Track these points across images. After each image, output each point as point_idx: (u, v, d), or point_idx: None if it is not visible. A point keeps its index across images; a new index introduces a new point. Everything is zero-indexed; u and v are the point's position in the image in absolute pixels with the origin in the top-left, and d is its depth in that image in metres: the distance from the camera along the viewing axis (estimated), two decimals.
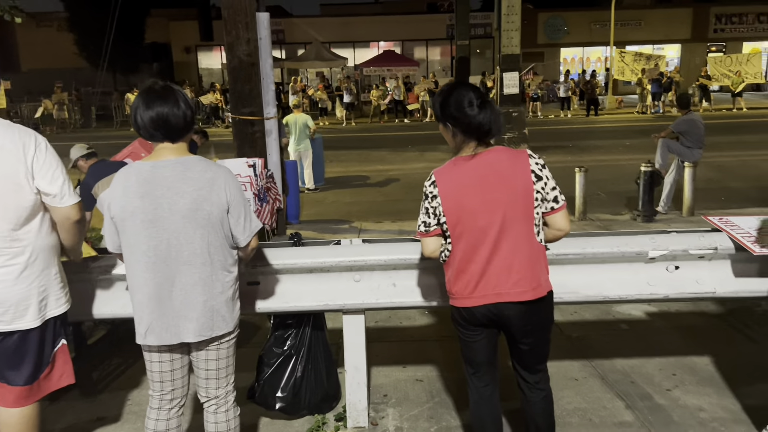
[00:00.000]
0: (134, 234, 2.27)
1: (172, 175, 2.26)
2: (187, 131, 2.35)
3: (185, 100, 2.32)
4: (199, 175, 2.28)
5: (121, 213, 2.27)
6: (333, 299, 3.05)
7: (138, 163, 2.33)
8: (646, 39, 30.67)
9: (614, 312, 4.82)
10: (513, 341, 2.49)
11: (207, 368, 2.46)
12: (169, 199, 2.24)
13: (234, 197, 2.33)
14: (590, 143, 15.31)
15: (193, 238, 2.27)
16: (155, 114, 2.25)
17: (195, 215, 2.26)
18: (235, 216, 2.34)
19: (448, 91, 2.42)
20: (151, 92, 2.28)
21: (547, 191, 2.38)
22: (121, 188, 2.27)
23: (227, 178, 2.33)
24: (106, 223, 2.35)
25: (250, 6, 7.01)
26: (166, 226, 2.25)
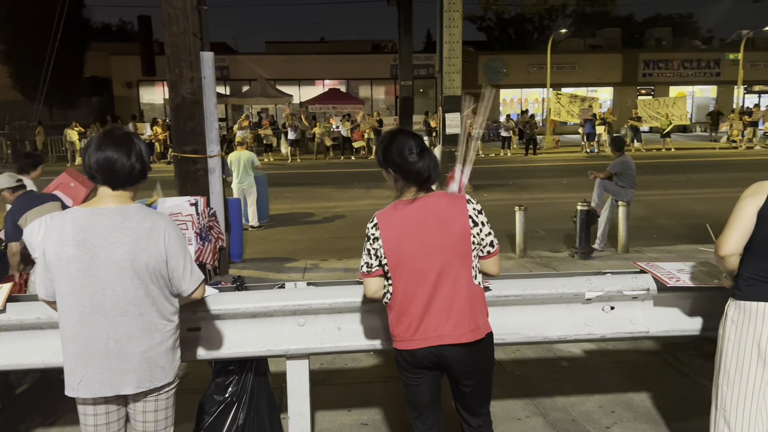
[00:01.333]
0: (69, 283, 2.20)
1: (109, 223, 2.21)
2: (131, 183, 2.29)
3: (139, 153, 2.27)
4: (137, 224, 2.23)
5: (56, 260, 2.19)
6: (276, 344, 3.01)
7: (75, 209, 2.26)
8: (580, 81, 32.09)
9: (555, 349, 4.93)
10: (455, 383, 2.51)
11: (145, 420, 2.37)
12: (105, 248, 2.18)
13: (173, 247, 2.28)
14: (529, 181, 15.78)
15: (129, 289, 2.21)
16: (102, 157, 2.21)
17: (132, 265, 2.20)
18: (174, 266, 2.29)
19: (390, 139, 2.48)
20: (108, 135, 2.25)
21: (482, 236, 2.45)
22: (56, 235, 2.20)
23: (167, 228, 2.28)
24: (39, 270, 2.25)
25: (194, 45, 7.00)
26: (102, 275, 2.19)
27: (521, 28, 45.57)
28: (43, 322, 2.88)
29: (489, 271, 2.53)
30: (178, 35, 6.94)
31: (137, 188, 2.35)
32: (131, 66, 28.60)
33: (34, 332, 2.93)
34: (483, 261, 2.50)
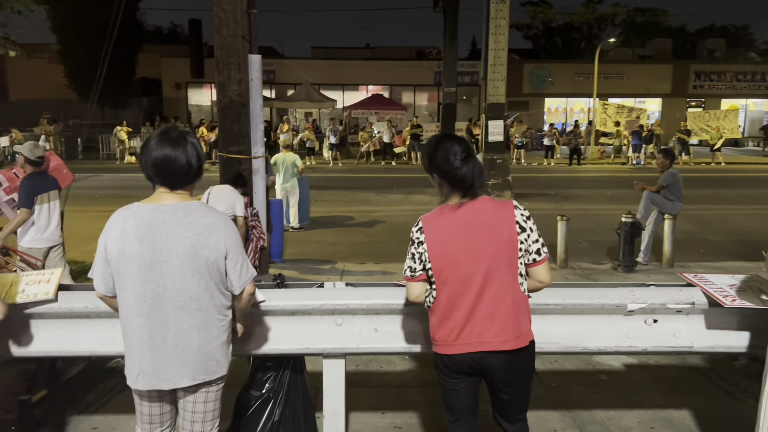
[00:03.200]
0: (131, 277, 2.26)
1: (172, 219, 2.26)
2: (189, 182, 2.34)
3: (195, 152, 2.31)
4: (198, 220, 2.28)
5: (118, 256, 2.25)
6: (314, 343, 3.04)
7: (136, 205, 2.32)
8: (627, 92, 31.49)
9: (594, 362, 4.83)
10: (494, 390, 2.49)
11: (194, 411, 2.43)
12: (167, 243, 2.24)
13: (232, 244, 2.33)
14: (572, 192, 15.54)
15: (189, 283, 2.27)
16: (161, 157, 2.26)
17: (193, 260, 2.26)
18: (232, 263, 2.34)
19: (435, 144, 2.48)
20: (164, 136, 2.30)
21: (530, 243, 2.42)
22: (119, 230, 2.26)
23: (227, 225, 2.34)
24: (99, 265, 2.32)
25: (243, 48, 7.14)
26: (163, 270, 2.25)
27: (568, 37, 44.95)
28: (91, 311, 2.97)
29: (540, 278, 2.48)
30: (227, 38, 7.09)
31: (194, 186, 2.40)
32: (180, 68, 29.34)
33: (82, 321, 3.03)
34: (531, 268, 2.46)
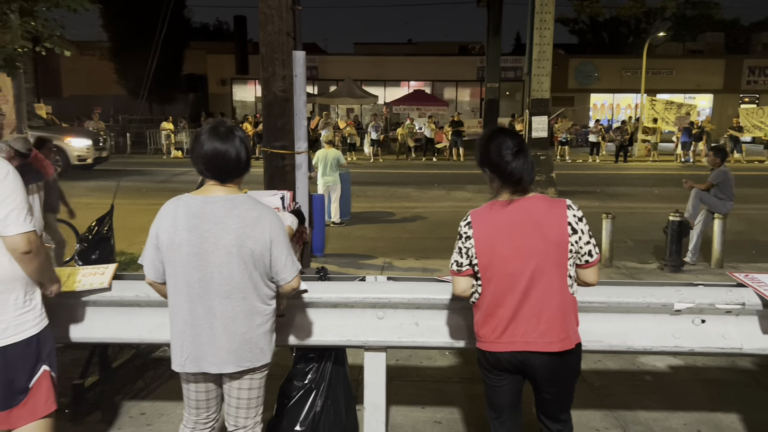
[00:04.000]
0: (180, 265, 2.34)
1: (220, 211, 2.33)
2: (237, 175, 2.41)
3: (243, 147, 2.38)
4: (245, 212, 2.35)
5: (168, 244, 2.34)
6: (356, 335, 3.08)
7: (187, 196, 2.39)
8: (677, 88, 30.64)
9: (638, 362, 4.75)
10: (537, 389, 2.48)
11: (239, 397, 2.50)
12: (215, 234, 2.31)
13: (277, 237, 2.38)
14: (618, 190, 15.22)
15: (235, 273, 2.33)
16: (211, 152, 2.33)
17: (239, 251, 2.32)
18: (277, 255, 2.39)
19: (488, 138, 2.46)
20: (214, 131, 2.37)
21: (581, 245, 2.39)
22: (170, 219, 2.35)
23: (272, 218, 2.40)
24: (150, 252, 2.41)
25: (288, 44, 7.23)
26: (210, 259, 2.32)
27: (615, 32, 43.91)
28: (141, 300, 3.08)
29: (587, 280, 2.46)
30: (272, 34, 7.19)
31: (241, 180, 2.46)
32: (226, 64, 29.90)
33: (133, 309, 3.13)
34: (581, 270, 2.44)
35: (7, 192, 2.37)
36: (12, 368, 2.51)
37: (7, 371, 2.49)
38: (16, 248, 2.40)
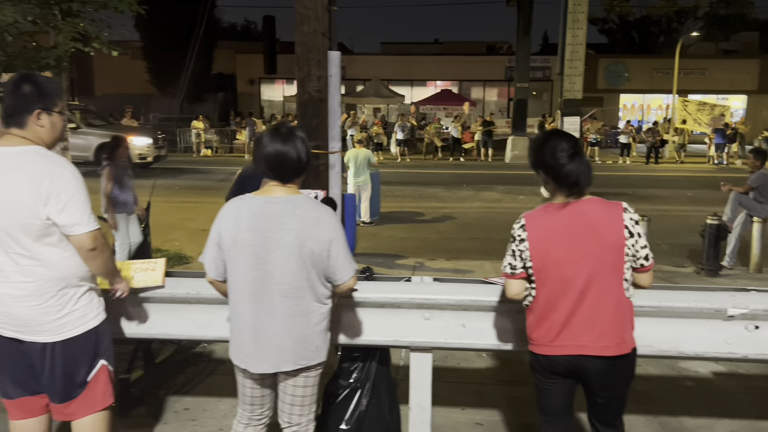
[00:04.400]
0: (242, 264, 2.38)
1: (281, 211, 2.37)
2: (298, 175, 2.45)
3: (303, 148, 2.42)
4: (305, 213, 2.38)
5: (231, 243, 2.38)
6: (402, 336, 3.09)
7: (249, 196, 2.44)
8: (709, 88, 30.10)
9: (679, 368, 4.68)
10: (590, 394, 2.47)
11: (294, 394, 2.54)
12: (276, 233, 2.35)
13: (336, 237, 2.41)
14: (650, 192, 15.01)
15: (295, 272, 2.37)
16: (273, 153, 2.38)
17: (299, 251, 2.35)
18: (335, 255, 2.41)
19: (543, 139, 2.45)
20: (276, 132, 2.42)
21: (637, 248, 2.38)
22: (233, 219, 2.39)
23: (331, 219, 2.43)
24: (211, 250, 2.45)
25: (323, 45, 7.27)
26: (271, 259, 2.36)
27: (646, 31, 43.26)
28: (191, 297, 3.13)
29: (642, 284, 2.45)
30: (308, 35, 7.23)
31: (301, 180, 2.50)
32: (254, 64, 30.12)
33: (183, 306, 3.18)
34: (636, 274, 2.42)
35: (71, 192, 2.43)
36: (72, 361, 2.57)
37: (67, 364, 2.56)
38: (83, 246, 2.46)
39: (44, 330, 2.50)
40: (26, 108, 2.47)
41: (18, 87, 2.47)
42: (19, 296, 2.47)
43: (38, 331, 2.50)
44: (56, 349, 2.53)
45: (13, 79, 2.51)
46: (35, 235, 2.42)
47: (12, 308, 2.48)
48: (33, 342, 2.52)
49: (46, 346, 2.52)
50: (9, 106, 2.47)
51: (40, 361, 2.55)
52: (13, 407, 2.68)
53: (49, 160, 2.46)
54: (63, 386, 2.58)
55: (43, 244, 2.44)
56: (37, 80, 2.52)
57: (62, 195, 2.40)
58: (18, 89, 2.47)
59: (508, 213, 12.03)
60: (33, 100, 2.48)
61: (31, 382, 2.63)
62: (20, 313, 2.48)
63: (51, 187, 2.39)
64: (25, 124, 2.48)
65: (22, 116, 2.47)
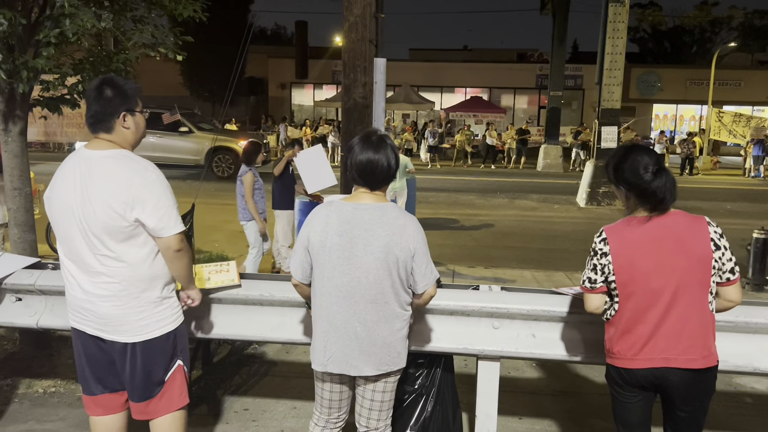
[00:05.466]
0: (330, 268, 2.42)
1: (370, 218, 2.41)
2: (386, 183, 2.50)
3: (394, 154, 2.47)
4: (393, 220, 2.42)
5: (319, 247, 2.42)
6: (471, 344, 3.10)
7: (339, 202, 2.48)
8: (745, 100, 29.61)
9: (735, 384, 4.62)
10: (671, 407, 2.46)
11: (373, 399, 2.56)
12: (364, 239, 2.39)
13: (420, 246, 2.44)
14: (687, 204, 14.78)
15: (381, 278, 2.40)
16: (366, 161, 2.43)
17: (386, 257, 2.39)
18: (419, 263, 2.44)
19: (623, 155, 2.45)
20: (367, 141, 2.47)
21: (723, 261, 2.37)
22: (322, 224, 2.44)
23: (416, 227, 2.46)
24: (300, 254, 2.50)
25: (370, 51, 7.32)
26: (359, 264, 2.40)
27: (678, 41, 42.75)
28: (264, 299, 3.18)
29: (731, 297, 2.44)
30: (355, 41, 7.29)
31: (388, 186, 2.54)
32: (285, 68, 30.46)
33: (255, 308, 3.24)
34: (724, 288, 2.41)
35: (158, 196, 2.50)
36: (151, 362, 2.63)
37: (146, 364, 2.62)
38: (170, 247, 2.53)
39: (126, 330, 2.57)
40: (113, 111, 2.54)
41: (101, 92, 2.53)
42: (104, 296, 2.54)
43: (120, 330, 2.57)
44: (137, 349, 2.59)
45: (95, 85, 2.57)
46: (121, 237, 2.49)
47: (97, 307, 2.56)
48: (114, 341, 2.60)
49: (126, 345, 2.59)
50: (96, 112, 2.53)
51: (121, 360, 2.62)
52: (93, 404, 2.75)
53: (135, 163, 2.53)
54: (143, 385, 2.65)
55: (128, 245, 2.51)
56: (117, 83, 2.58)
57: (151, 198, 2.47)
58: (101, 94, 2.53)
59: (545, 222, 11.99)
60: (117, 102, 2.54)
61: (111, 380, 2.71)
62: (105, 312, 2.55)
63: (139, 190, 2.46)
64: (113, 127, 2.55)
65: (110, 120, 2.54)
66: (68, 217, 2.52)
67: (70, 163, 2.59)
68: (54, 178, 2.62)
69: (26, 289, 3.31)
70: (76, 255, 2.55)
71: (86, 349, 2.68)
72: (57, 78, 4.27)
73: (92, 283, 2.55)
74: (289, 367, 4.65)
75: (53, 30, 3.81)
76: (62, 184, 2.56)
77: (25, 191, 4.38)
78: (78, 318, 2.63)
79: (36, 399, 4.02)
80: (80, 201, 2.48)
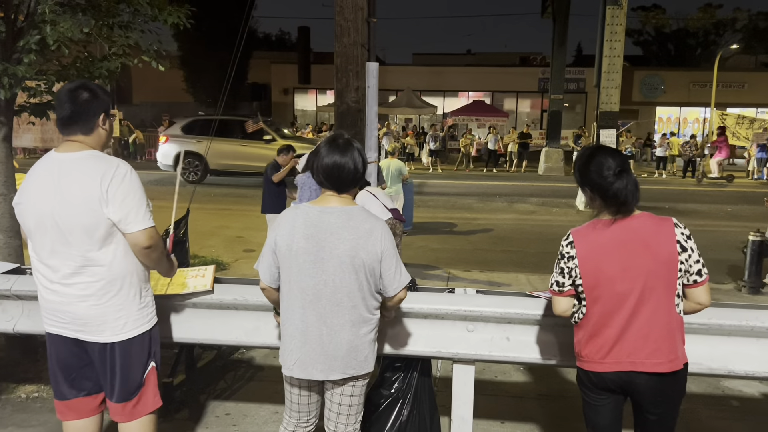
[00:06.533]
0: (296, 272, 2.42)
1: (336, 221, 2.41)
2: (353, 186, 2.49)
3: (361, 158, 2.47)
4: (359, 224, 2.41)
5: (286, 250, 2.42)
6: (446, 347, 3.09)
7: (306, 205, 2.48)
8: (748, 102, 29.49)
9: (723, 387, 4.58)
10: (640, 410, 2.44)
11: (341, 403, 2.56)
12: (331, 243, 2.38)
13: (388, 249, 2.43)
14: (688, 206, 14.73)
15: (347, 282, 2.40)
16: (331, 164, 2.42)
17: (352, 261, 2.38)
18: (387, 267, 2.44)
19: (588, 156, 2.44)
20: (333, 143, 2.46)
21: (690, 263, 2.35)
22: (288, 227, 2.43)
23: (384, 231, 2.45)
24: (267, 257, 2.49)
25: (362, 56, 7.34)
26: (325, 267, 2.39)
27: (682, 43, 42.61)
28: (239, 303, 3.18)
29: (699, 300, 2.41)
30: (347, 46, 7.32)
31: (356, 191, 2.54)
32: (288, 74, 30.54)
33: (230, 312, 3.24)
34: (691, 289, 2.39)
35: (126, 192, 2.50)
36: (129, 362, 2.64)
37: (125, 365, 2.63)
38: (138, 243, 2.54)
39: (104, 330, 2.58)
40: (93, 113, 2.55)
41: (77, 95, 2.53)
42: (82, 296, 2.55)
43: (99, 330, 2.58)
44: (115, 349, 2.60)
45: (68, 88, 2.56)
46: (99, 236, 2.49)
47: (75, 308, 2.56)
48: (93, 342, 2.60)
49: (105, 346, 2.59)
50: (73, 113, 2.52)
51: (100, 361, 2.63)
52: (66, 408, 2.75)
53: (107, 161, 2.55)
54: (122, 386, 2.65)
55: (105, 244, 2.52)
56: (92, 87, 2.59)
57: (118, 193, 2.48)
58: (78, 97, 2.52)
59: (543, 225, 11.95)
60: (97, 105, 2.56)
61: (85, 383, 2.71)
62: (83, 312, 2.56)
63: (110, 186, 2.47)
64: (93, 128, 2.57)
65: (90, 122, 2.55)
66: (44, 221, 2.53)
67: (42, 167, 2.60)
68: (24, 183, 2.62)
69: (2, 294, 3.33)
70: (51, 258, 2.56)
71: (60, 354, 2.69)
72: (42, 84, 4.29)
73: (69, 285, 2.56)
74: (275, 372, 4.60)
75: (34, 37, 3.83)
76: (35, 188, 2.56)
77: (10, 197, 4.39)
78: (53, 321, 2.64)
79: (18, 404, 4.03)
80: (57, 203, 2.49)
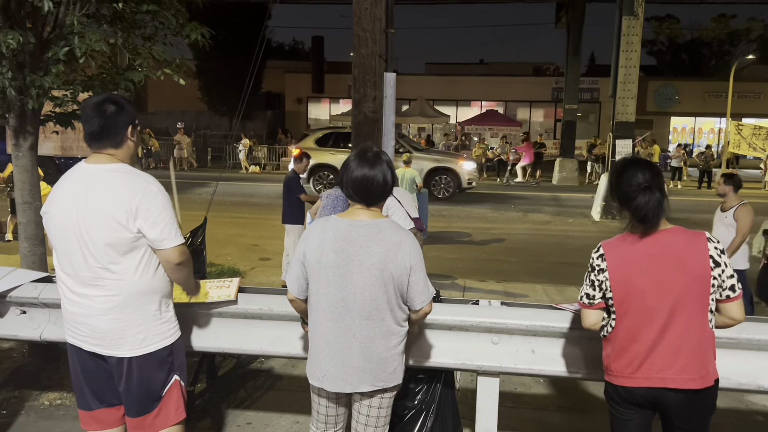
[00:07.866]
0: (325, 284, 2.42)
1: (366, 234, 2.41)
2: (382, 199, 2.50)
3: (390, 171, 2.47)
4: (388, 237, 2.41)
5: (315, 263, 2.43)
6: (470, 359, 3.08)
7: (335, 218, 2.48)
8: (764, 112, 29.24)
9: (747, 401, 4.53)
10: (669, 426, 2.42)
11: (368, 415, 2.55)
12: (360, 256, 2.39)
13: (416, 263, 2.43)
14: (704, 217, 14.51)
15: (376, 295, 2.40)
16: (361, 177, 2.42)
17: (381, 274, 2.38)
18: (415, 280, 2.43)
19: (620, 170, 2.43)
20: (363, 156, 2.46)
21: (723, 278, 2.33)
22: (318, 240, 2.44)
23: (413, 243, 2.45)
24: (296, 269, 2.50)
25: (379, 66, 7.39)
26: (354, 281, 2.39)
27: (697, 53, 42.37)
28: (264, 313, 3.19)
29: (732, 315, 2.38)
30: (365, 56, 7.36)
31: (384, 203, 2.54)
32: (302, 83, 30.76)
33: (255, 322, 3.25)
34: (724, 305, 2.37)
35: (159, 209, 2.52)
36: (148, 376, 2.63)
37: (143, 379, 2.63)
38: (171, 260, 2.56)
39: (123, 344, 2.58)
40: (122, 126, 2.57)
41: (104, 108, 2.54)
42: (103, 309, 2.56)
43: (118, 345, 2.58)
44: (133, 364, 2.60)
45: (94, 102, 2.58)
46: (123, 249, 2.51)
47: (95, 321, 2.57)
48: (111, 356, 2.60)
49: (123, 360, 2.59)
50: (103, 128, 2.53)
51: (118, 375, 2.62)
52: (90, 419, 2.75)
53: (138, 176, 2.57)
54: (139, 400, 2.65)
55: (128, 258, 2.53)
56: (118, 99, 2.61)
57: (152, 210, 2.50)
58: (105, 111, 2.54)
59: (558, 236, 11.89)
60: (125, 117, 2.58)
61: (108, 394, 2.71)
62: (103, 326, 2.56)
63: (141, 202, 2.48)
64: (122, 142, 2.59)
65: (119, 135, 2.57)
66: (68, 231, 2.55)
67: (71, 178, 2.63)
68: (53, 193, 2.65)
69: (30, 302, 3.36)
70: (74, 269, 2.57)
71: (83, 364, 2.69)
72: (68, 94, 4.35)
73: (90, 297, 2.57)
74: (295, 381, 4.64)
75: (62, 48, 3.89)
76: (62, 198, 2.59)
77: (35, 205, 4.45)
78: (74, 333, 2.64)
79: (42, 411, 4.06)
80: (83, 215, 2.51)
